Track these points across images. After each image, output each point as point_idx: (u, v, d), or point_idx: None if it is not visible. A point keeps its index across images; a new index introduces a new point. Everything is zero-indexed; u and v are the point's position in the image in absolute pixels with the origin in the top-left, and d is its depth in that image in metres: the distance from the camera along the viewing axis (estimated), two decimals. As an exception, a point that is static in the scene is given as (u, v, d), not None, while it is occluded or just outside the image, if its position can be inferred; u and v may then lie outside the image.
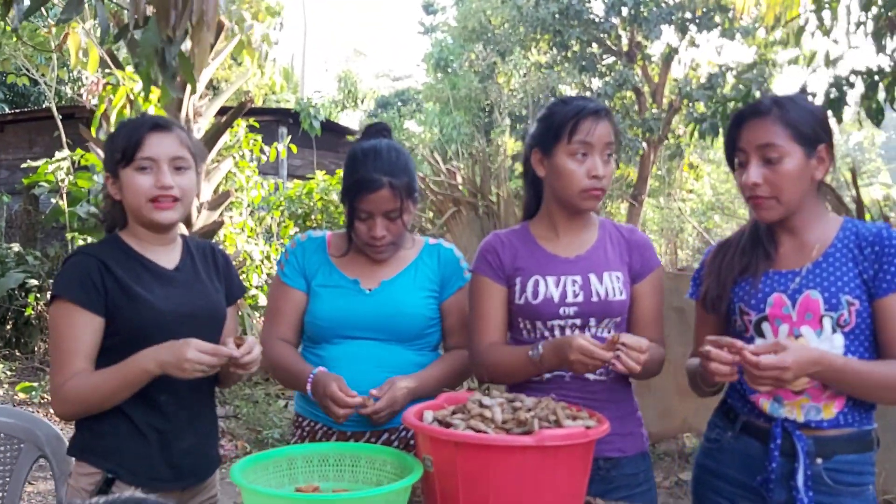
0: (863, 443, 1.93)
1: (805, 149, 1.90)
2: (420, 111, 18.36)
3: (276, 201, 7.77)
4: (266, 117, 12.36)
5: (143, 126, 2.00)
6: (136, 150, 1.96)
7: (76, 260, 2.00)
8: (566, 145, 2.04)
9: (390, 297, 2.23)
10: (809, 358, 1.77)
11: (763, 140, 1.89)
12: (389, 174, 2.12)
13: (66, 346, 1.94)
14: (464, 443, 1.69)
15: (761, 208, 1.94)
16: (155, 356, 1.89)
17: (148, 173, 1.97)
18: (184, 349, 1.84)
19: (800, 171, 1.90)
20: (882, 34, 4.20)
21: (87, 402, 1.94)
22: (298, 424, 2.33)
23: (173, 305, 2.01)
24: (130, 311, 1.96)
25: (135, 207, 2.00)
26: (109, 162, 2.02)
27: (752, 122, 1.93)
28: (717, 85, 11.59)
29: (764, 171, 1.90)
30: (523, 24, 13.19)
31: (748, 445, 2.00)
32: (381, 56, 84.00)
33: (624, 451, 2.11)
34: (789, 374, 1.75)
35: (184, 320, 2.01)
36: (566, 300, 2.07)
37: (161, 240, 2.08)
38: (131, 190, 1.98)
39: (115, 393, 1.93)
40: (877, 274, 1.89)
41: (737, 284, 2.03)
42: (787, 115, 1.90)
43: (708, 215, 14.21)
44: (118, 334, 1.97)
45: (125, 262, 2.01)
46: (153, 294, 2.00)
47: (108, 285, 1.95)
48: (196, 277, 2.12)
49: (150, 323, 1.97)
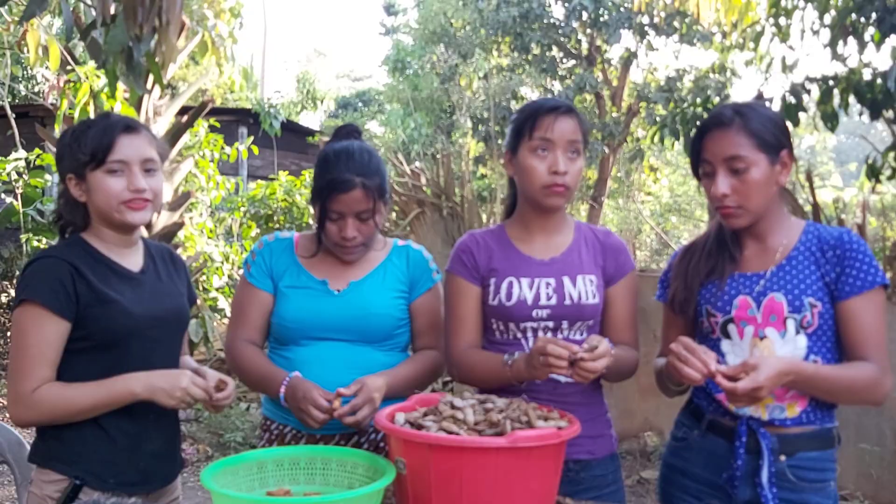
0: (825, 440, 1.98)
1: (769, 156, 1.94)
2: (382, 112, 18.32)
3: (237, 202, 7.68)
4: (226, 117, 12.22)
5: (114, 128, 1.96)
6: (107, 152, 1.93)
7: (45, 263, 1.94)
8: (528, 142, 2.06)
9: (359, 298, 2.23)
10: (780, 370, 1.79)
11: (729, 152, 1.93)
12: (362, 175, 2.11)
13: (34, 352, 1.89)
14: (437, 445, 1.70)
15: (731, 217, 1.98)
16: (147, 380, 1.90)
17: (119, 175, 1.95)
18: (179, 378, 1.90)
19: (766, 179, 1.95)
20: (837, 41, 4.31)
21: (57, 412, 1.90)
22: (266, 428, 2.31)
23: (144, 308, 2.00)
24: (103, 316, 1.93)
25: (105, 210, 1.96)
26: (72, 163, 1.96)
27: (715, 133, 1.97)
28: (675, 88, 11.76)
29: (731, 181, 1.94)
30: (484, 26, 13.24)
31: (714, 444, 2.04)
32: (341, 56, 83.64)
33: (593, 454, 2.13)
34: (764, 392, 1.78)
35: (154, 323, 2.01)
36: (539, 302, 2.09)
37: (127, 241, 2.06)
38: (102, 192, 1.94)
39: (93, 409, 1.91)
40: (839, 277, 1.94)
41: (703, 287, 2.07)
42: (750, 124, 1.94)
43: (665, 217, 14.41)
44: (89, 339, 1.93)
45: (93, 264, 1.97)
46: (124, 297, 1.97)
47: (79, 289, 1.91)
48: (160, 280, 2.11)
49: (123, 327, 1.95)
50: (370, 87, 25.70)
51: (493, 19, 12.61)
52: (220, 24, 7.15)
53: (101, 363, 1.94)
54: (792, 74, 4.68)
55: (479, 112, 13.03)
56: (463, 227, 5.87)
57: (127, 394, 1.90)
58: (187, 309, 2.19)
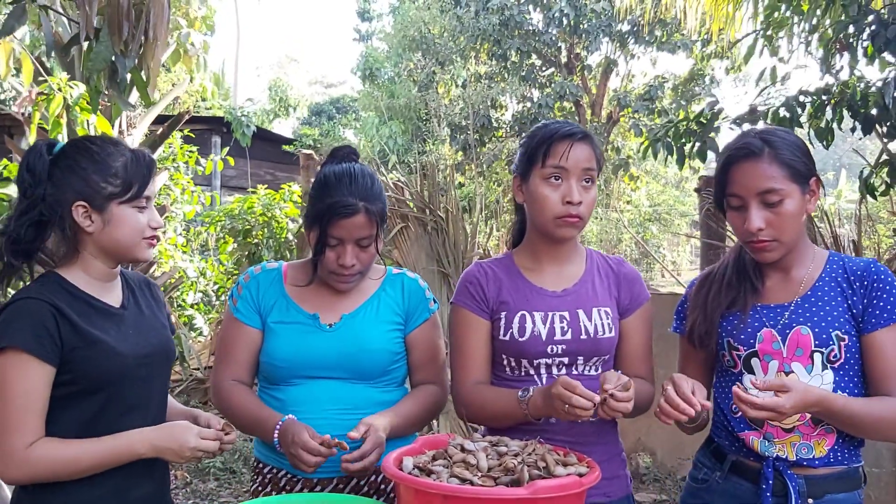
0: (852, 480, 1.90)
1: (801, 186, 1.87)
2: (357, 120, 18.21)
3: (215, 216, 7.51)
4: (198, 126, 12.02)
5: (151, 164, 1.90)
6: (144, 188, 1.86)
7: (25, 305, 1.77)
8: (540, 169, 1.96)
9: (352, 333, 2.10)
10: (808, 401, 1.72)
11: (763, 186, 1.84)
12: (365, 199, 2.00)
13: (21, 403, 1.73)
14: (453, 496, 1.58)
15: (764, 251, 1.89)
16: (152, 441, 1.80)
17: (143, 210, 1.88)
18: (186, 436, 1.80)
19: (799, 210, 1.87)
20: (830, 55, 4.27)
21: (55, 472, 1.76)
22: (259, 471, 2.17)
23: (131, 347, 1.87)
24: (90, 359, 1.79)
25: (124, 244, 1.86)
26: (89, 190, 1.80)
27: (745, 164, 1.87)
28: (656, 97, 11.79)
29: (765, 214, 1.85)
30: (464, 33, 13.18)
31: (737, 486, 1.95)
32: (314, 62, 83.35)
33: (609, 496, 2.02)
34: (785, 418, 1.71)
35: (142, 361, 1.88)
36: (554, 337, 1.98)
37: (112, 276, 1.93)
38: (128, 227, 1.85)
39: (93, 469, 1.78)
40: (866, 309, 1.87)
41: (724, 318, 1.98)
42: (781, 154, 1.85)
43: (645, 226, 14.43)
44: (75, 383, 1.79)
45: (73, 304, 1.82)
46: (110, 336, 1.83)
47: (63, 332, 1.76)
48: (142, 314, 1.98)
49: (112, 369, 1.82)
50: (344, 93, 25.57)
51: (474, 26, 12.56)
52: (194, 32, 7.00)
53: (89, 408, 1.81)
54: (784, 87, 4.64)
55: (458, 120, 12.97)
56: (448, 242, 5.75)
57: (131, 455, 1.80)
58: (173, 342, 2.06)
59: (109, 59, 2.12)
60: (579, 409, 1.71)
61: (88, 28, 2.07)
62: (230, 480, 5.15)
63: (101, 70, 2.15)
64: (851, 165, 28.61)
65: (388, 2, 21.62)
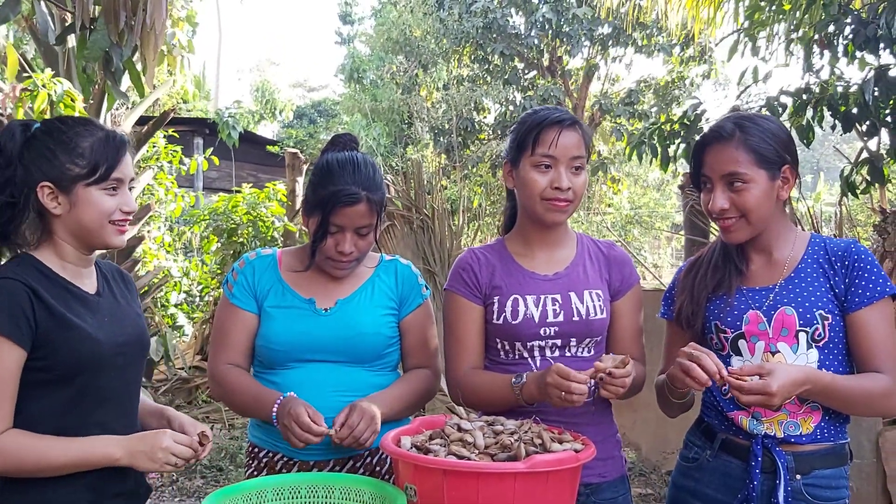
0: (839, 457, 1.95)
1: (769, 172, 1.92)
2: (340, 123, 18.17)
3: (199, 215, 7.49)
4: (182, 127, 11.97)
5: (119, 143, 1.81)
6: (112, 170, 1.78)
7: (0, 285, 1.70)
8: (530, 156, 2.00)
9: (348, 317, 2.13)
10: (796, 380, 1.76)
11: (727, 169, 1.91)
12: (367, 188, 2.03)
13: None
14: (452, 470, 1.61)
15: (729, 231, 1.96)
16: (125, 444, 1.74)
17: (113, 194, 1.81)
18: (159, 438, 1.74)
19: (765, 195, 1.92)
20: (810, 53, 4.34)
21: (23, 465, 1.69)
22: (254, 455, 2.19)
23: (107, 335, 1.81)
24: (67, 344, 1.73)
25: (89, 227, 1.79)
26: (54, 172, 1.75)
27: (715, 146, 1.94)
28: (637, 101, 11.89)
29: (729, 195, 1.92)
30: (447, 36, 13.23)
31: (728, 464, 1.99)
32: (294, 65, 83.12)
33: (604, 476, 2.06)
34: (776, 400, 1.74)
35: (118, 351, 1.83)
36: (547, 320, 2.01)
37: (87, 262, 1.87)
38: (94, 210, 1.78)
39: (63, 468, 1.71)
40: (848, 289, 1.92)
41: (710, 301, 2.03)
42: (750, 139, 1.91)
43: (627, 228, 14.53)
44: (50, 370, 1.73)
45: (49, 287, 1.76)
46: (86, 323, 1.78)
47: (38, 315, 1.70)
48: (117, 302, 1.92)
49: (90, 356, 1.76)
50: (326, 97, 25.51)
51: (457, 29, 12.61)
52: (179, 32, 6.99)
53: (61, 398, 1.75)
54: (765, 88, 4.72)
55: (441, 123, 13.00)
56: (434, 240, 5.79)
57: (104, 457, 1.73)
58: (147, 333, 2.01)
59: (105, 49, 2.14)
60: (576, 395, 1.75)
61: (84, 17, 2.08)
62: (217, 478, 5.14)
63: (96, 59, 2.16)
64: (829, 169, 28.91)
65: (371, 5, 21.64)
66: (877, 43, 4.00)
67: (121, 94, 2.26)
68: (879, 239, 4.23)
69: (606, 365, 1.79)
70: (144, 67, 2.28)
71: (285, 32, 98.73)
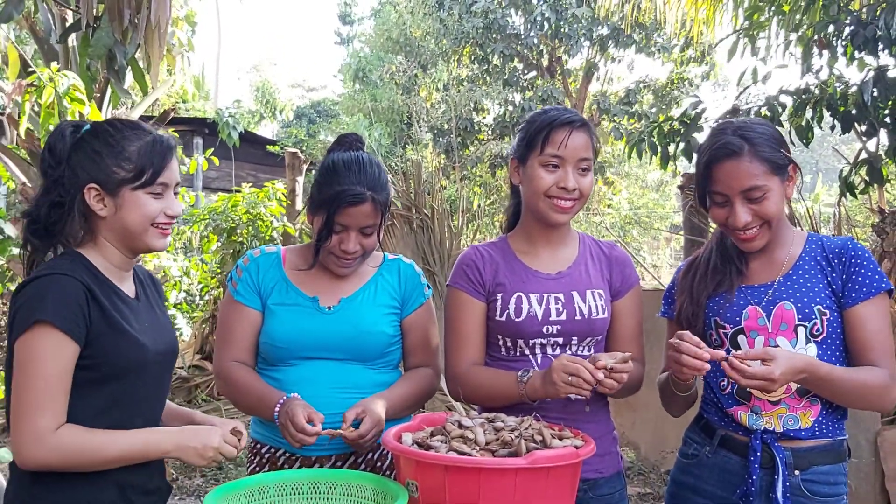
0: (836, 453, 1.97)
1: (780, 177, 1.95)
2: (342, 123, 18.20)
3: (199, 214, 7.49)
4: (181, 127, 11.98)
5: (168, 150, 1.83)
6: (159, 174, 1.80)
7: (58, 281, 1.71)
8: (539, 155, 2.01)
9: (351, 315, 2.14)
10: (796, 367, 1.79)
11: (746, 184, 1.92)
12: (372, 188, 2.04)
13: (54, 383, 1.67)
14: (453, 466, 1.63)
15: (752, 240, 1.97)
16: (176, 438, 1.77)
17: (159, 197, 1.82)
18: (212, 437, 1.77)
19: (781, 198, 1.95)
20: (809, 54, 4.36)
21: (82, 459, 1.70)
22: (256, 452, 2.20)
23: (151, 341, 1.83)
24: (117, 347, 1.75)
25: (133, 230, 1.81)
26: (101, 175, 1.78)
27: (727, 164, 1.93)
28: (635, 101, 11.90)
29: (750, 207, 1.93)
30: (447, 36, 13.24)
31: (727, 460, 2.01)
32: (292, 66, 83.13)
33: (601, 472, 2.07)
34: (777, 386, 1.77)
35: (158, 357, 1.85)
36: (550, 318, 2.03)
37: (129, 265, 1.89)
38: (139, 213, 1.79)
39: (118, 461, 1.73)
40: (845, 285, 1.94)
41: (710, 300, 2.05)
42: (760, 150, 1.92)
43: (626, 229, 14.54)
44: (97, 369, 1.74)
45: (100, 287, 1.78)
46: (132, 328, 1.80)
47: (92, 315, 1.72)
48: (152, 309, 1.95)
49: (135, 361, 1.79)
50: (325, 97, 25.53)
51: (457, 30, 12.62)
52: (179, 31, 7.01)
53: (105, 397, 1.77)
54: (764, 88, 4.74)
55: (440, 123, 13.01)
56: (433, 240, 5.80)
57: (159, 453, 1.76)
58: (178, 341, 2.03)
59: (109, 47, 2.15)
60: (586, 382, 1.78)
61: (88, 15, 2.09)
62: (217, 476, 5.15)
63: (100, 57, 2.17)
64: (828, 170, 28.94)
65: (370, 5, 21.66)
66: (876, 44, 4.02)
67: (124, 92, 2.27)
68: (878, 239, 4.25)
69: (607, 361, 1.80)
70: (149, 65, 2.29)
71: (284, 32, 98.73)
